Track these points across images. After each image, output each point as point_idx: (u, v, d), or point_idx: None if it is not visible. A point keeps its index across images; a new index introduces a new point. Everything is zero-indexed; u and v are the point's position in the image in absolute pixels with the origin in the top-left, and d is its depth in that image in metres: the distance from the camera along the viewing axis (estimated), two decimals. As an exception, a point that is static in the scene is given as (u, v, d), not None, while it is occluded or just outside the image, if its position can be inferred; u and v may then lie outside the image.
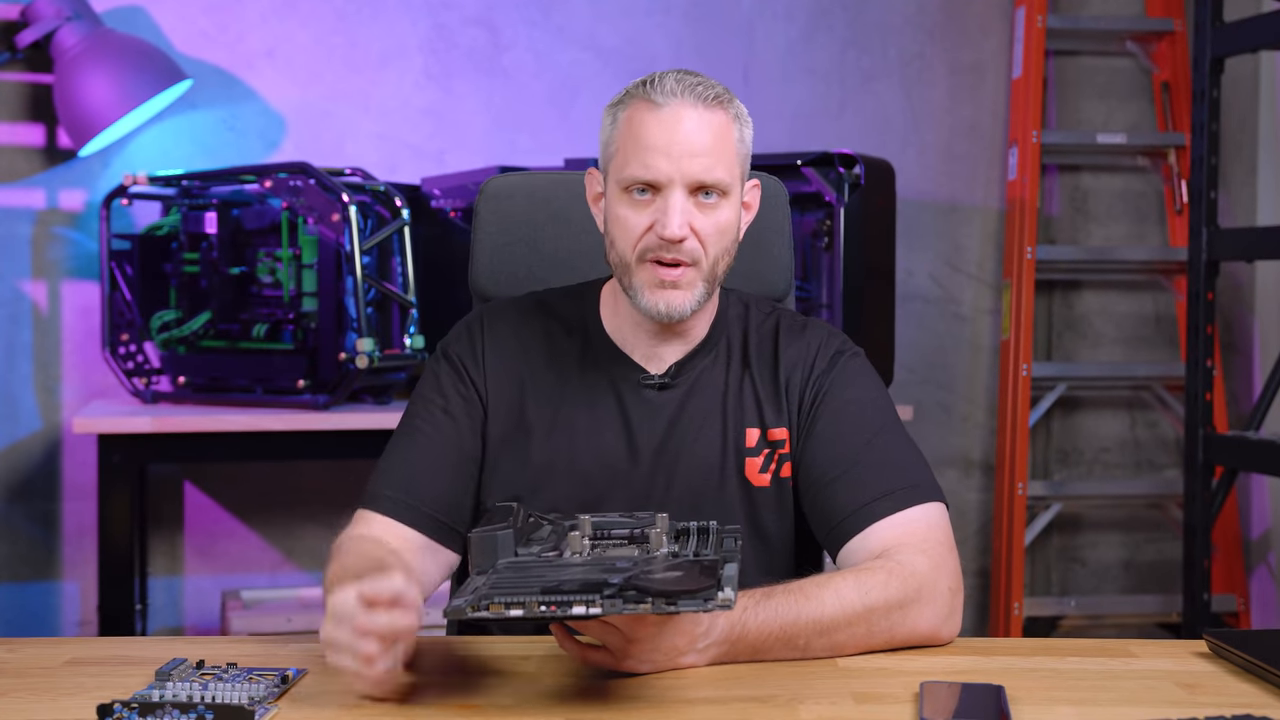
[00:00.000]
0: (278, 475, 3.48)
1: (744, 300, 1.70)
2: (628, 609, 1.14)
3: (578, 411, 1.61)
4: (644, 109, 1.53)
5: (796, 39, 3.70)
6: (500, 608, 1.15)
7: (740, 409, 1.62)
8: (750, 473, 1.60)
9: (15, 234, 3.31)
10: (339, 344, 2.97)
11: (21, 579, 3.36)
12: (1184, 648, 1.47)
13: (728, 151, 1.54)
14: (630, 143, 1.53)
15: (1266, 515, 3.66)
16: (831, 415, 1.59)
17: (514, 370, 1.63)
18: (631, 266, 1.55)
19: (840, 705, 1.26)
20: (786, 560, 1.63)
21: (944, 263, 3.81)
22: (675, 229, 1.51)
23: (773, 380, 1.62)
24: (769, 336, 1.65)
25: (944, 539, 1.51)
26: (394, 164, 3.46)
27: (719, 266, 1.57)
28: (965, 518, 3.83)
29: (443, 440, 1.60)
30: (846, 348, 1.65)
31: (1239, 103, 3.63)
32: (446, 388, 1.63)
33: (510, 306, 1.69)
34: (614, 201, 1.56)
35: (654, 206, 1.52)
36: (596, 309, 1.66)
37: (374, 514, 1.58)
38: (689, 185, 1.52)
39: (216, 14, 3.40)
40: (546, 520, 1.40)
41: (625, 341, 1.63)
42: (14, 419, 3.32)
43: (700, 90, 1.53)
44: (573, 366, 1.63)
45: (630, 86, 1.57)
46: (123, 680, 1.32)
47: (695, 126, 1.52)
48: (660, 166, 1.51)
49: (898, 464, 1.55)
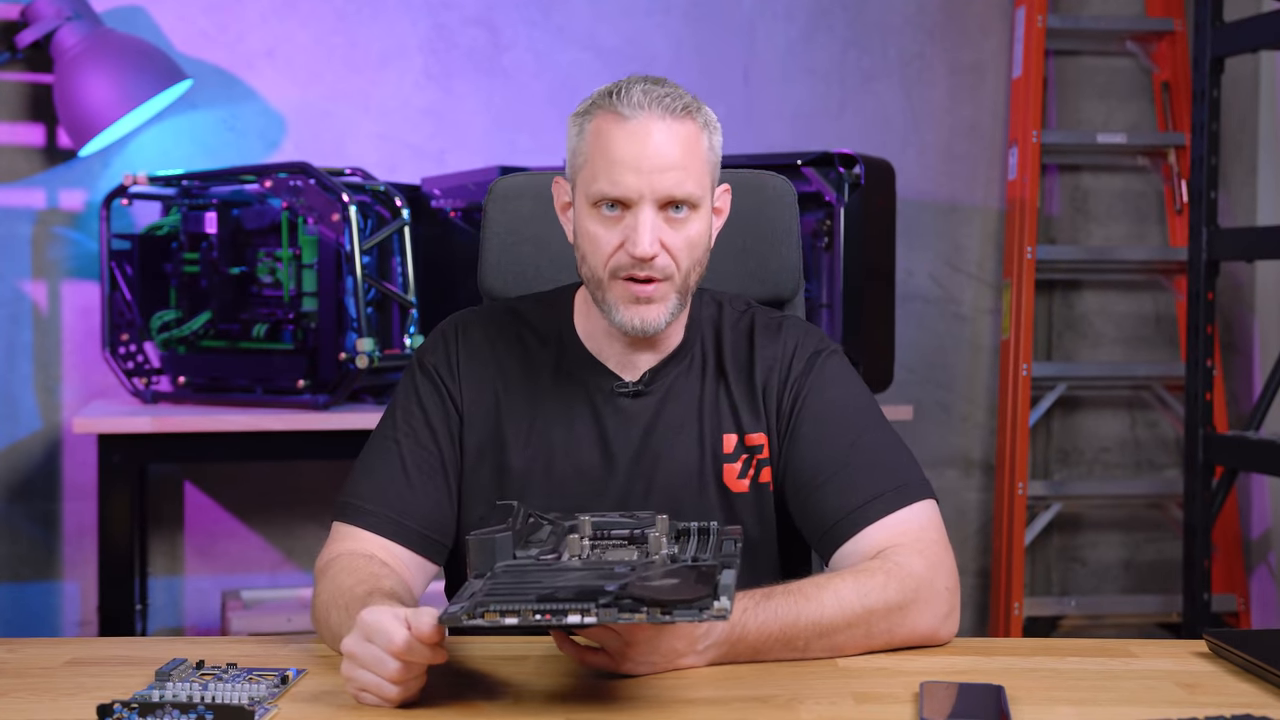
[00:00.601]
0: (278, 475, 3.48)
1: (717, 299, 1.68)
2: (623, 618, 1.14)
3: (553, 420, 1.60)
4: (611, 122, 1.51)
5: (796, 39, 3.70)
6: (495, 616, 1.15)
7: (717, 415, 1.60)
8: (729, 479, 1.59)
9: (15, 234, 3.31)
10: (339, 344, 2.97)
11: (21, 579, 3.36)
12: (1184, 648, 1.47)
13: (697, 162, 1.52)
14: (598, 157, 1.51)
15: (1266, 515, 3.66)
16: (814, 418, 1.58)
17: (489, 380, 1.62)
18: (604, 283, 1.53)
19: (840, 705, 1.26)
20: (769, 564, 1.62)
21: (944, 263, 3.81)
22: (646, 247, 1.49)
23: (749, 385, 1.61)
24: (744, 338, 1.63)
25: (938, 537, 1.50)
26: (394, 164, 3.46)
27: (691, 278, 1.55)
28: (965, 518, 3.83)
29: (425, 454, 1.59)
30: (823, 346, 1.63)
31: (1239, 103, 3.63)
32: (425, 399, 1.62)
33: (483, 315, 1.67)
34: (583, 216, 1.54)
35: (624, 224, 1.50)
36: (570, 317, 1.65)
37: (360, 530, 1.56)
38: (659, 201, 1.50)
39: (216, 14, 3.40)
40: (546, 520, 1.40)
41: (599, 349, 1.62)
42: (14, 419, 3.32)
43: (668, 102, 1.50)
44: (547, 375, 1.62)
45: (596, 96, 1.55)
46: (123, 680, 1.32)
47: (664, 140, 1.49)
48: (629, 183, 1.49)
49: (886, 464, 1.54)
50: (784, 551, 1.63)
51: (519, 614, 1.14)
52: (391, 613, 1.24)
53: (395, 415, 1.63)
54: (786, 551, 1.64)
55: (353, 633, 1.26)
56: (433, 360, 1.64)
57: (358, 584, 1.43)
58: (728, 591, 1.18)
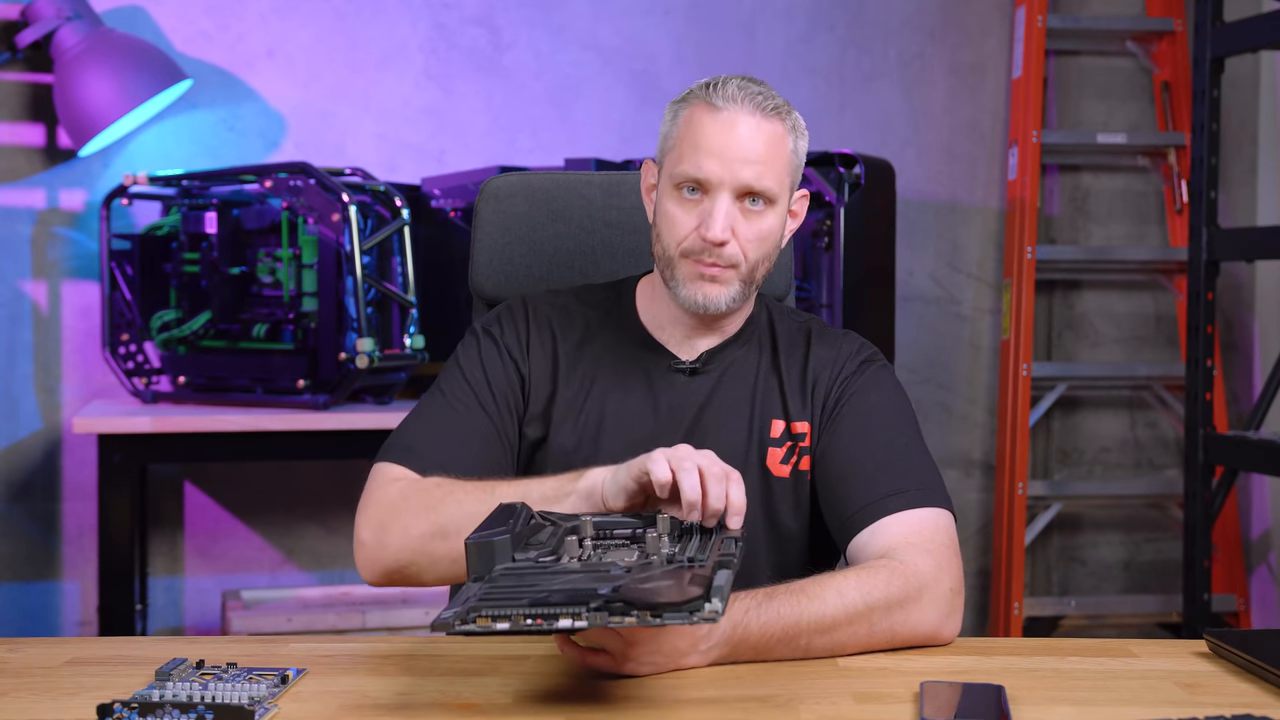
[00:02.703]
0: (278, 475, 3.48)
1: (774, 305, 1.75)
2: (612, 622, 1.14)
3: (608, 393, 1.65)
4: (703, 110, 1.57)
5: (797, 39, 3.70)
6: (487, 621, 1.15)
7: (767, 400, 1.66)
8: (771, 463, 1.64)
9: (15, 234, 3.31)
10: (339, 344, 2.97)
11: (22, 579, 3.36)
12: (1184, 648, 1.47)
13: (780, 161, 1.58)
14: (687, 141, 1.58)
15: (1266, 515, 3.66)
16: (855, 416, 1.63)
17: (551, 352, 1.67)
18: (675, 261, 1.59)
19: (840, 705, 1.26)
20: (800, 553, 1.65)
21: (944, 263, 3.81)
22: (718, 231, 1.55)
23: (801, 376, 1.66)
24: (802, 337, 1.70)
25: (949, 542, 1.53)
26: (394, 164, 3.46)
27: (758, 271, 1.61)
28: (965, 518, 3.83)
29: (482, 416, 1.61)
30: (877, 358, 1.69)
31: (1239, 103, 3.63)
32: (489, 364, 1.65)
33: (546, 296, 1.73)
34: (664, 196, 1.61)
35: (701, 207, 1.57)
36: (633, 299, 1.71)
37: (409, 471, 1.55)
38: (737, 190, 1.56)
39: (216, 14, 3.40)
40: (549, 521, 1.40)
41: (660, 330, 1.68)
42: (14, 419, 3.32)
43: (760, 100, 1.57)
44: (606, 351, 1.67)
45: (694, 86, 1.61)
46: (123, 680, 1.32)
47: (750, 133, 1.56)
48: (711, 168, 1.55)
49: (914, 469, 1.58)
50: (814, 541, 1.67)
51: (510, 619, 1.15)
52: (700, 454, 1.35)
53: (454, 376, 1.65)
54: (817, 541, 1.67)
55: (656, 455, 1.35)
56: (498, 330, 1.67)
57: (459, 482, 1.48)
58: (720, 593, 1.17)
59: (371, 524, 1.51)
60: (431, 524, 1.47)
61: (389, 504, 1.51)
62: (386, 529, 1.50)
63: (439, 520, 1.47)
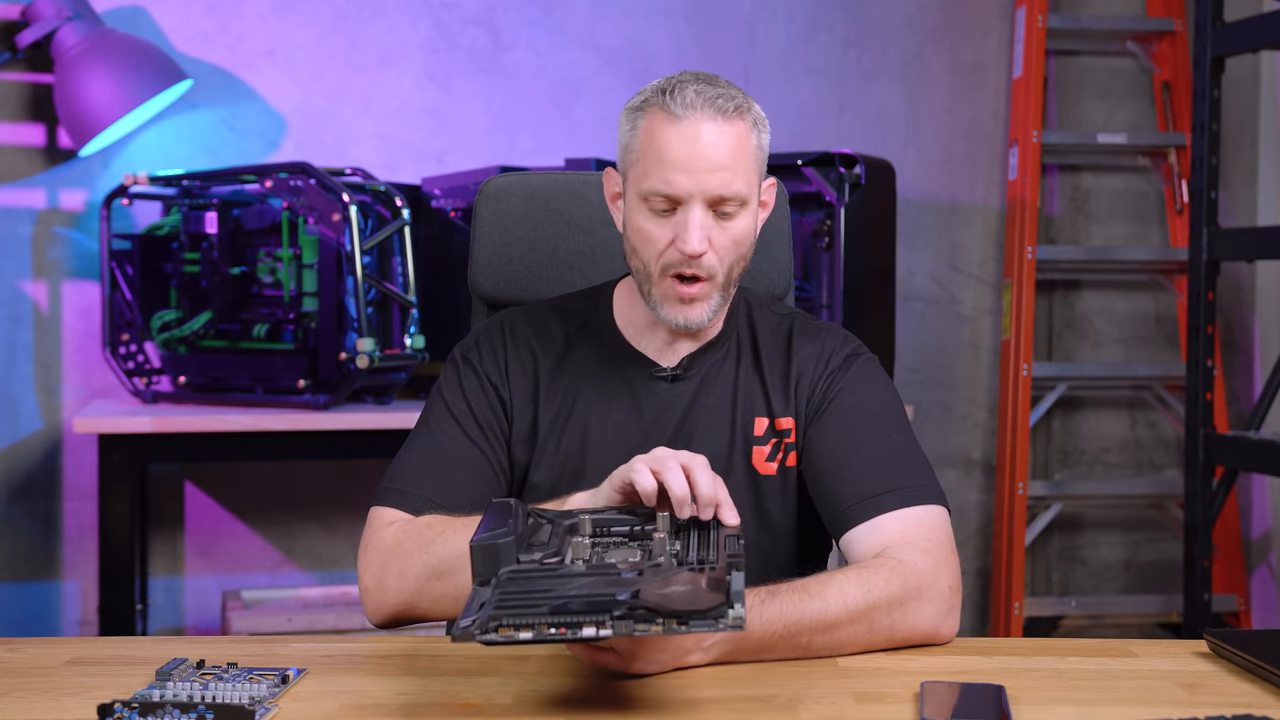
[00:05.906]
0: (278, 475, 3.48)
1: (754, 298, 1.74)
2: (639, 630, 1.14)
3: (592, 408, 1.65)
4: (663, 120, 1.54)
5: (797, 39, 3.70)
6: (510, 630, 1.14)
7: (749, 398, 1.65)
8: (757, 461, 1.64)
9: (15, 234, 3.31)
10: (339, 344, 2.97)
11: (22, 579, 3.36)
12: (1184, 648, 1.46)
13: (745, 161, 1.56)
14: (650, 154, 1.55)
15: (1267, 515, 3.66)
16: (844, 410, 1.62)
17: (531, 372, 1.66)
18: (653, 278, 1.58)
19: (840, 705, 1.26)
20: (790, 548, 1.66)
21: (944, 263, 3.81)
22: (695, 245, 1.54)
23: (784, 374, 1.66)
24: (783, 334, 1.69)
25: (945, 540, 1.53)
26: (394, 164, 3.46)
27: (734, 272, 1.60)
28: (965, 518, 3.83)
29: (469, 447, 1.61)
30: (861, 351, 1.69)
31: (1239, 103, 3.63)
32: (470, 394, 1.64)
33: (525, 313, 1.72)
34: (633, 210, 1.59)
35: (674, 221, 1.55)
36: (610, 308, 1.70)
37: (404, 514, 1.56)
38: (707, 199, 1.54)
39: (216, 14, 3.40)
40: (545, 519, 1.40)
41: (639, 339, 1.67)
42: (14, 419, 3.32)
43: (720, 103, 1.54)
44: (587, 364, 1.67)
45: (650, 92, 1.58)
46: (123, 680, 1.32)
47: (714, 140, 1.53)
48: (680, 182, 1.53)
49: (908, 465, 1.58)
50: (803, 536, 1.67)
51: (534, 628, 1.14)
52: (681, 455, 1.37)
53: (438, 409, 1.65)
54: (806, 536, 1.67)
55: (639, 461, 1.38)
56: (476, 356, 1.67)
57: (450, 519, 1.49)
58: (740, 598, 1.17)
59: (371, 569, 1.52)
60: (424, 565, 1.48)
61: (385, 548, 1.52)
62: (385, 573, 1.51)
63: (432, 561, 1.47)
